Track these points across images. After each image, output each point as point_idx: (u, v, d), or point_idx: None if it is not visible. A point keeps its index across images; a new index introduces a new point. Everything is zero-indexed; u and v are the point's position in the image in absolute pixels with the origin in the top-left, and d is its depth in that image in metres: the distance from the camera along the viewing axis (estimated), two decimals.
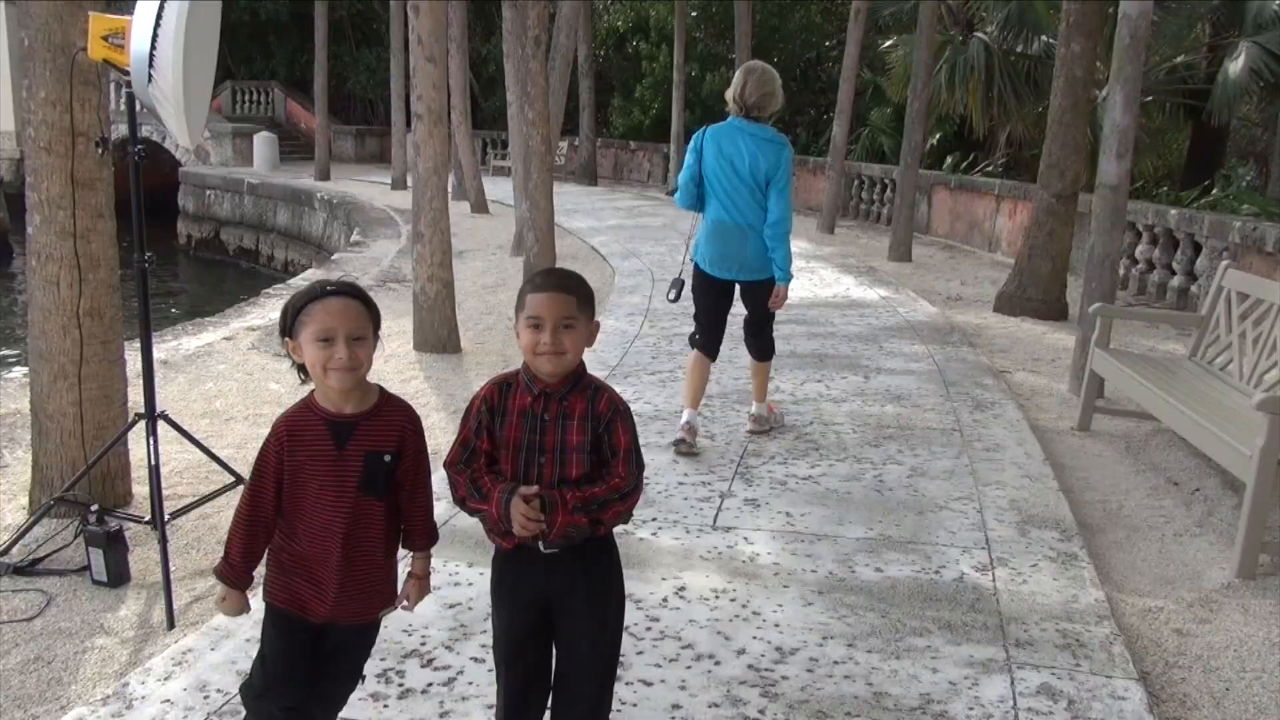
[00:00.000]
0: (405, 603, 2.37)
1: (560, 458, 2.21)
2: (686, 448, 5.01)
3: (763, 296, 5.11)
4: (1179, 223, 9.84)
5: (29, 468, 4.30)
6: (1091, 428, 5.82)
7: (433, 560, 2.45)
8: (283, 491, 2.20)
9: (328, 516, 2.20)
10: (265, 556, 2.29)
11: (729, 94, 5.00)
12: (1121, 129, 6.24)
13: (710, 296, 5.18)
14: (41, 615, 3.48)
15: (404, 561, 2.39)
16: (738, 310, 5.29)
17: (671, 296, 5.30)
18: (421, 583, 2.40)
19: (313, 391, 2.23)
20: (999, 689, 3.00)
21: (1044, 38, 16.09)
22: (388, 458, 2.21)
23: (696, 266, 5.16)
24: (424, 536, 2.37)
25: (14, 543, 3.86)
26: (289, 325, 2.16)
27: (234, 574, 2.25)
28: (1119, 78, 6.28)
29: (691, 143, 5.11)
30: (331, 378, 2.13)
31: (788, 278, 5.07)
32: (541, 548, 2.19)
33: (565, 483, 2.21)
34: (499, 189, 18.02)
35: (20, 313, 13.66)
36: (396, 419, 2.24)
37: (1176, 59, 15.17)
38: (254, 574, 2.28)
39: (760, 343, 5.34)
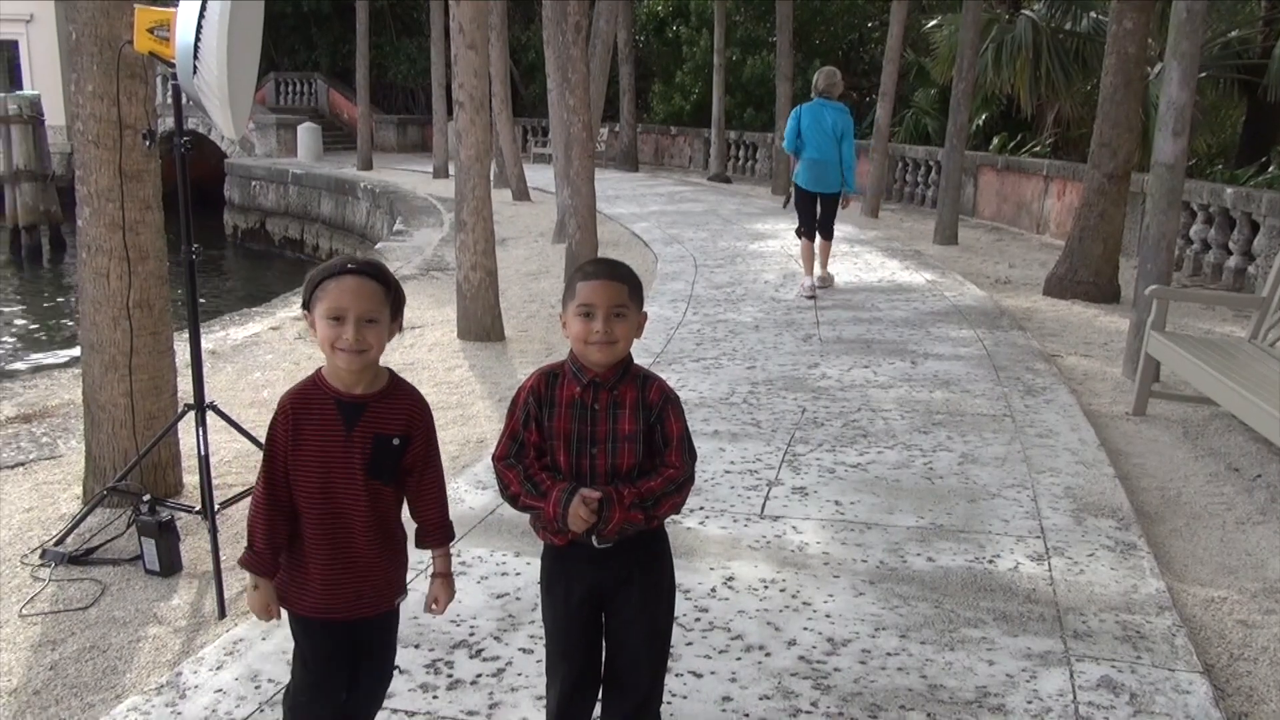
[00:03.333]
0: (435, 606, 2.30)
1: (612, 448, 2.18)
2: (811, 295, 8.61)
3: (831, 201, 8.87)
4: (1235, 201, 9.58)
5: (83, 458, 4.36)
6: (1147, 412, 5.69)
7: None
8: (290, 475, 2.14)
9: (340, 501, 2.15)
10: (282, 563, 2.21)
11: (812, 88, 8.99)
12: (1178, 106, 6.07)
13: (809, 203, 8.87)
14: (96, 604, 3.52)
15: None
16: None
17: (784, 204, 9.56)
18: (447, 581, 2.30)
19: (320, 369, 2.18)
20: (1058, 682, 2.93)
21: (1093, 14, 15.76)
22: (396, 441, 2.15)
23: (799, 186, 8.88)
24: (439, 531, 2.28)
25: (68, 532, 3.91)
26: (307, 298, 2.13)
27: (259, 561, 2.16)
28: (1175, 54, 6.11)
29: (792, 114, 8.95)
30: (339, 358, 2.09)
31: (855, 189, 9.14)
32: (595, 543, 2.17)
33: (618, 472, 2.18)
34: (540, 176, 18.00)
35: (73, 304, 13.89)
36: (404, 403, 2.19)
37: (1231, 33, 14.76)
38: (279, 561, 2.20)
39: (827, 228, 8.97)
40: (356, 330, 2.06)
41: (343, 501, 2.15)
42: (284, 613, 2.25)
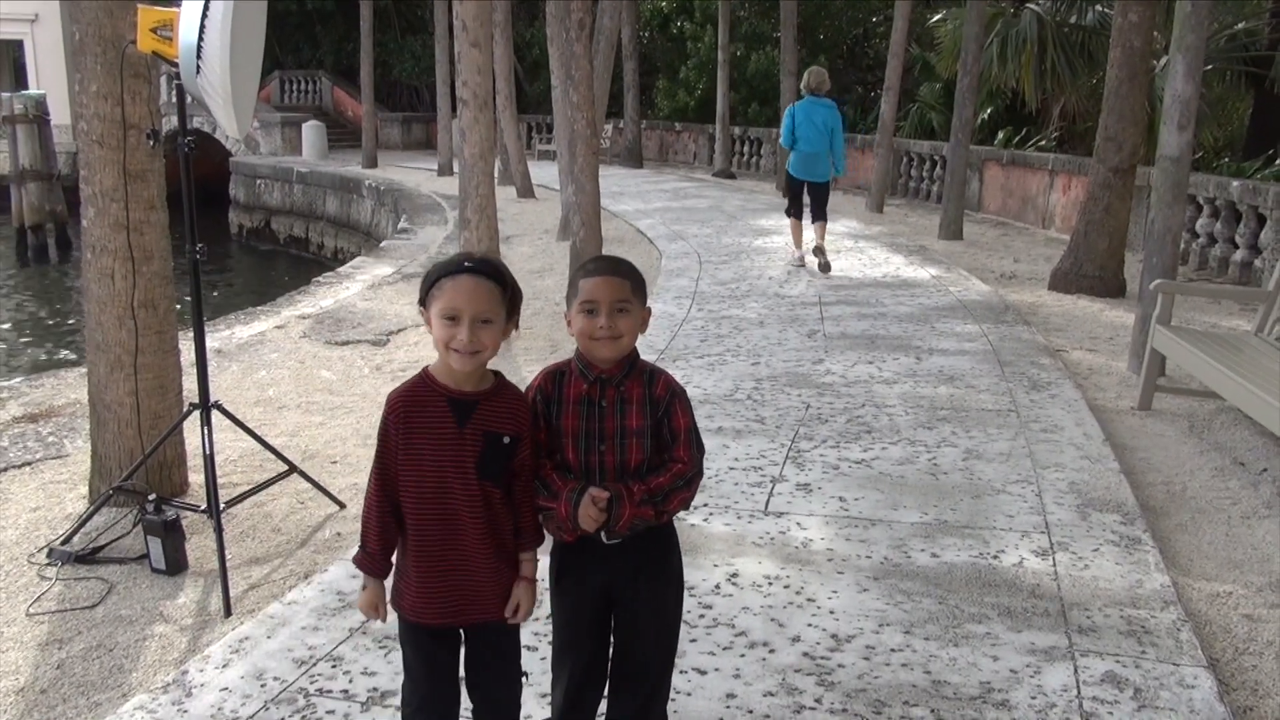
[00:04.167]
0: (518, 609, 2.21)
1: (620, 444, 2.19)
2: (800, 264, 9.91)
3: (820, 188, 9.96)
4: (1242, 195, 9.56)
5: (89, 457, 4.37)
6: (1153, 407, 5.68)
7: None
8: (400, 476, 2.11)
9: (452, 503, 2.10)
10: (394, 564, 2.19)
11: (802, 86, 9.99)
12: (1183, 99, 6.06)
13: (800, 190, 10.04)
14: (102, 603, 3.53)
15: None
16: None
17: (782, 192, 10.37)
18: (531, 587, 2.23)
19: (427, 367, 2.15)
20: (1062, 677, 2.93)
21: (1098, 7, 15.71)
22: (506, 440, 2.12)
23: (791, 175, 10.06)
24: (536, 532, 2.23)
25: (75, 531, 3.93)
26: (423, 295, 2.11)
27: (372, 561, 2.15)
28: (1180, 46, 6.09)
29: (787, 111, 9.98)
30: (452, 358, 2.06)
31: (842, 173, 10.40)
32: (605, 539, 2.17)
33: (626, 469, 2.19)
34: (544, 173, 18.00)
35: (78, 304, 13.91)
36: (513, 404, 2.16)
37: (1238, 25, 14.71)
38: (391, 562, 2.19)
39: (820, 211, 9.94)
40: (471, 331, 2.03)
41: (455, 503, 2.10)
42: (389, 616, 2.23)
